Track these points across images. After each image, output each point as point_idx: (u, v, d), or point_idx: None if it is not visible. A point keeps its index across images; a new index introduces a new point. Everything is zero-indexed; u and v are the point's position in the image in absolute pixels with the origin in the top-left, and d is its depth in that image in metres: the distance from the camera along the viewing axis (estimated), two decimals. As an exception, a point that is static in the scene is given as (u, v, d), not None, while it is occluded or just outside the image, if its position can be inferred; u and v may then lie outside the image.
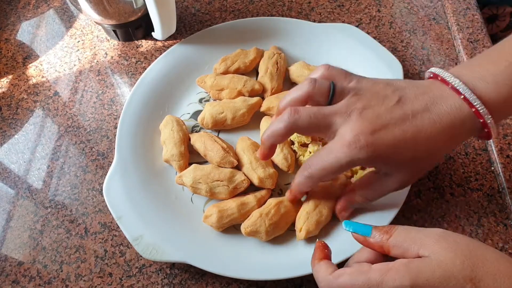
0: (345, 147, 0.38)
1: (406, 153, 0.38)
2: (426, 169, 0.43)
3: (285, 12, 0.71)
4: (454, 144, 0.41)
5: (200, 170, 0.52)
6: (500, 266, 0.31)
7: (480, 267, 0.31)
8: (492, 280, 0.30)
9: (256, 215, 0.49)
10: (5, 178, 0.58)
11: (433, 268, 0.31)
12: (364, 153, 0.37)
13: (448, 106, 0.38)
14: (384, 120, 0.38)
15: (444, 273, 0.30)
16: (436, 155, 0.40)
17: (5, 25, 0.73)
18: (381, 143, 0.38)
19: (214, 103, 0.58)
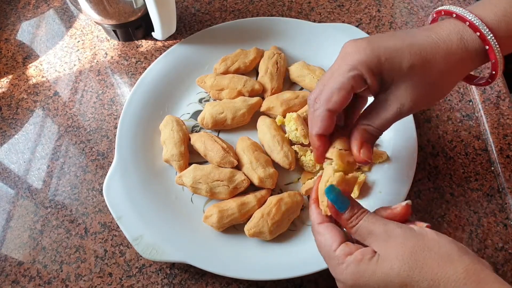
0: (346, 57, 0.38)
1: (403, 60, 0.37)
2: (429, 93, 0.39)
3: (285, 12, 0.71)
4: (454, 63, 0.38)
5: (200, 170, 0.52)
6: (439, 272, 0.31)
7: (417, 272, 0.32)
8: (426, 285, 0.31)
9: (258, 216, 0.49)
10: (5, 178, 0.58)
11: (374, 270, 0.33)
12: (364, 55, 0.37)
13: (445, 26, 0.39)
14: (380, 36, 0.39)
15: (382, 276, 0.33)
16: (436, 72, 0.38)
17: (5, 25, 0.73)
18: (378, 46, 0.38)
19: (214, 103, 0.58)
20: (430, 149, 0.58)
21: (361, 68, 0.37)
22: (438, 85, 0.39)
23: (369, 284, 0.33)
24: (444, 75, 0.38)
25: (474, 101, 0.61)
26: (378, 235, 0.35)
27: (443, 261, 0.32)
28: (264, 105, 0.58)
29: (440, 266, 0.31)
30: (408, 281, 0.32)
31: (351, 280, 0.34)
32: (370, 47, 0.38)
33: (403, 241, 0.33)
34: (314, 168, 0.53)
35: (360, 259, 0.34)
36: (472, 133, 0.59)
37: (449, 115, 0.61)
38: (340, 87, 0.38)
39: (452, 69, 0.38)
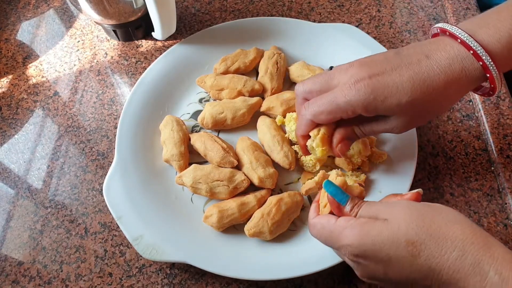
0: (344, 89, 0.40)
1: (402, 96, 0.38)
2: (426, 117, 0.42)
3: (285, 12, 0.71)
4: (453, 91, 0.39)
5: (200, 170, 0.52)
6: (447, 231, 0.32)
7: (425, 230, 0.32)
8: (434, 243, 0.31)
9: (258, 216, 0.49)
10: (5, 178, 0.58)
11: (380, 230, 0.33)
12: (362, 94, 0.39)
13: (447, 51, 0.39)
14: (382, 67, 0.39)
15: (388, 236, 0.33)
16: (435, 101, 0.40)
17: (5, 25, 0.73)
18: (378, 85, 0.39)
19: (214, 103, 0.58)
20: (430, 149, 0.58)
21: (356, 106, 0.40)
22: (433, 112, 0.41)
23: (374, 244, 0.33)
24: (442, 104, 0.40)
25: (474, 101, 0.61)
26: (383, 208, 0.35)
27: (450, 222, 0.32)
28: (264, 105, 0.58)
29: (448, 226, 0.32)
30: (415, 239, 0.32)
31: (356, 241, 0.34)
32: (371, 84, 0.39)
33: (409, 205, 0.34)
34: (314, 168, 0.53)
35: (364, 222, 0.34)
36: (472, 133, 0.59)
37: (449, 115, 0.61)
38: (331, 111, 0.41)
39: (450, 97, 0.40)
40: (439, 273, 0.31)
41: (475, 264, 0.30)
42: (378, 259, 0.33)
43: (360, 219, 0.35)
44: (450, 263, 0.30)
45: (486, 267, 0.30)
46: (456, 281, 0.30)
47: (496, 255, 0.30)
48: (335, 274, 0.50)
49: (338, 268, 0.50)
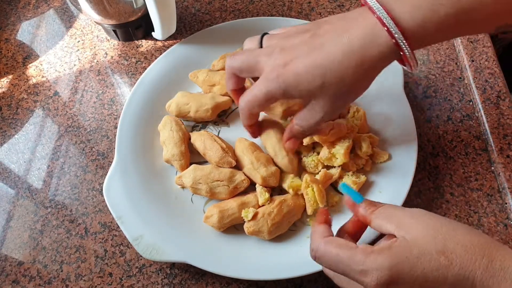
0: (263, 80, 0.42)
1: (315, 80, 0.39)
2: (344, 100, 0.43)
3: (285, 12, 0.71)
4: (367, 68, 0.39)
5: (200, 170, 0.52)
6: (470, 238, 0.32)
7: (451, 239, 0.32)
8: (463, 250, 0.32)
9: (259, 215, 0.49)
10: (5, 178, 0.58)
11: (410, 248, 0.32)
12: (276, 84, 0.41)
13: (363, 28, 0.38)
14: (297, 52, 0.40)
15: (419, 251, 0.32)
16: (348, 82, 0.40)
17: (5, 25, 0.73)
18: (290, 73, 0.40)
19: (185, 93, 0.59)
20: (430, 149, 0.58)
21: (275, 93, 0.42)
22: (352, 91, 0.42)
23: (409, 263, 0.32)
24: (357, 83, 0.40)
25: (474, 101, 0.61)
26: (400, 217, 0.35)
27: (472, 231, 0.33)
28: None
29: (471, 235, 0.33)
30: (445, 250, 0.32)
31: (388, 264, 0.32)
32: (284, 76, 0.41)
33: (428, 218, 0.34)
34: (316, 168, 0.53)
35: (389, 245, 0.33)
36: (472, 133, 0.59)
37: (449, 115, 0.61)
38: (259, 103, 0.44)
39: (365, 76, 0.40)
40: (472, 281, 0.31)
41: (505, 269, 0.31)
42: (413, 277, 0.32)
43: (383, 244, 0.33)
44: (482, 269, 0.31)
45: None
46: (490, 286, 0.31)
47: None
48: (335, 274, 0.50)
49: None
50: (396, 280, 0.32)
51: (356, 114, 0.56)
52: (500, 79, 0.62)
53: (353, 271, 0.33)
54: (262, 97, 0.43)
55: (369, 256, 0.32)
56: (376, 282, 0.32)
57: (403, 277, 0.32)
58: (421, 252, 0.32)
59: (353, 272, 0.33)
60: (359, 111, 0.55)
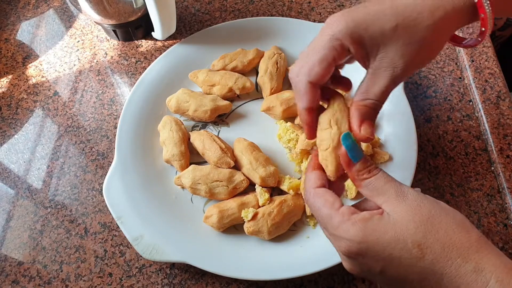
0: (326, 28, 0.37)
1: (385, 22, 0.36)
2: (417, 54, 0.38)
3: (285, 12, 0.71)
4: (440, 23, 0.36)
5: (199, 171, 0.52)
6: (454, 237, 0.31)
7: (432, 235, 0.31)
8: (440, 248, 0.31)
9: (259, 215, 0.49)
10: (5, 178, 0.58)
11: (386, 229, 0.32)
12: (344, 23, 0.36)
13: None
14: (362, 5, 0.37)
15: (395, 235, 0.31)
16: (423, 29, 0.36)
17: (5, 25, 0.72)
18: (359, 14, 0.36)
19: (187, 91, 0.59)
20: (430, 149, 0.58)
21: (341, 37, 0.36)
22: (427, 41, 0.37)
23: (378, 243, 0.32)
24: (432, 31, 0.37)
25: (474, 101, 0.61)
26: (391, 195, 0.33)
27: (458, 228, 0.32)
28: (264, 105, 0.58)
29: (455, 233, 0.31)
30: (422, 242, 0.31)
31: (358, 237, 0.32)
32: (350, 15, 0.36)
33: (419, 204, 0.33)
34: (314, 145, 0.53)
35: (368, 218, 0.33)
36: (472, 133, 0.59)
37: (449, 115, 0.61)
38: (321, 58, 0.37)
39: (439, 25, 0.37)
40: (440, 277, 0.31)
41: (478, 271, 0.30)
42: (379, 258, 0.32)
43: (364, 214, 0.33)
44: (453, 268, 0.30)
45: (488, 274, 0.30)
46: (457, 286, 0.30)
47: (498, 263, 0.30)
48: (335, 274, 0.50)
49: (338, 268, 0.50)
50: (363, 254, 0.32)
51: None
52: (500, 79, 0.62)
53: (328, 231, 0.34)
54: (325, 47, 0.37)
55: (344, 224, 0.33)
56: (344, 250, 0.33)
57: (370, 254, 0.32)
58: (396, 238, 0.32)
59: (328, 231, 0.34)
60: None
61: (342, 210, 0.34)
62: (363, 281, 0.50)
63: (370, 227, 0.32)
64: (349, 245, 0.33)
